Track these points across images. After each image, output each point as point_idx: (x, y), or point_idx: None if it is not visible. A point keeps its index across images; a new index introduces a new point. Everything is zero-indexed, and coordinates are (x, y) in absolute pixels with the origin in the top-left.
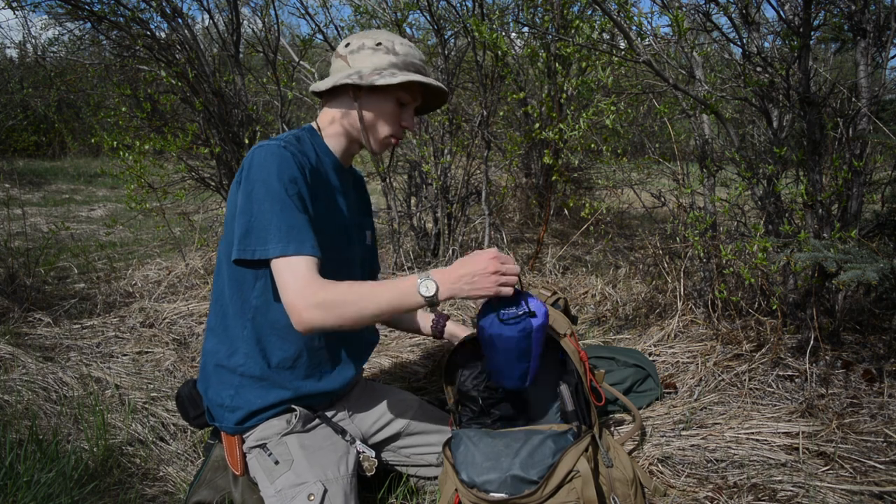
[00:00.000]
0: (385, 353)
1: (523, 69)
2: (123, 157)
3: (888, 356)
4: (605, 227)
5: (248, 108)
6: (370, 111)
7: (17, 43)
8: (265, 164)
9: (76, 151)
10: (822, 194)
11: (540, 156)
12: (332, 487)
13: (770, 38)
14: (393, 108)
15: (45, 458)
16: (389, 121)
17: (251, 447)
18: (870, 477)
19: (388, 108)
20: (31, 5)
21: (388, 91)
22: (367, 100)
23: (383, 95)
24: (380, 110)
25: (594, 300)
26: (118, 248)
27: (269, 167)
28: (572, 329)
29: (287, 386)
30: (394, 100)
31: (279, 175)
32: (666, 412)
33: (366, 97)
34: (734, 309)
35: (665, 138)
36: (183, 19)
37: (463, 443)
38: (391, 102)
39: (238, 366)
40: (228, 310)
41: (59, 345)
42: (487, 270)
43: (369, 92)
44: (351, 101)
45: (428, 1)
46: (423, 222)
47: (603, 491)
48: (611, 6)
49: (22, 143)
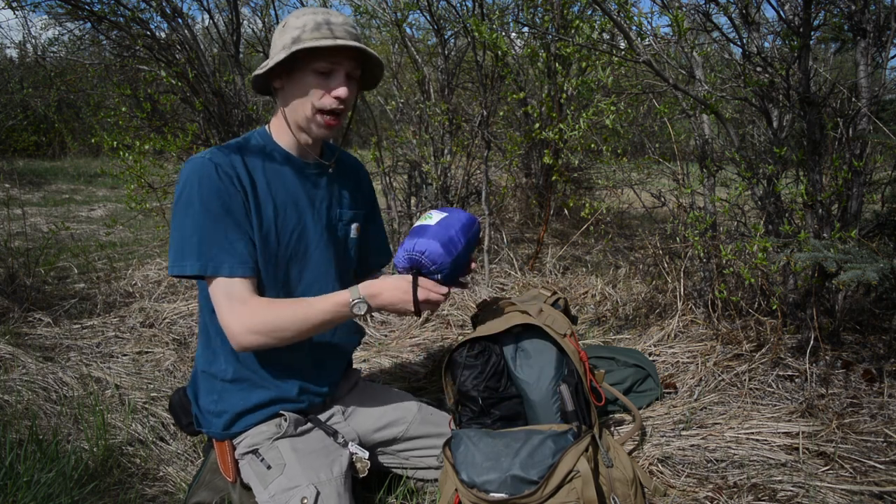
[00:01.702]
0: (385, 353)
1: (523, 69)
2: (123, 157)
3: (888, 356)
4: (605, 227)
5: (248, 108)
6: (291, 95)
7: (17, 43)
8: (188, 181)
9: (76, 151)
10: (822, 194)
11: (540, 156)
12: (325, 490)
13: (770, 38)
14: (311, 82)
15: (45, 458)
16: (313, 95)
17: (243, 453)
18: (870, 477)
19: (307, 84)
20: (31, 5)
21: (296, 68)
22: (287, 85)
23: (299, 75)
24: (299, 90)
25: (594, 300)
26: (118, 248)
27: (191, 183)
28: (572, 329)
29: (268, 386)
30: (311, 74)
31: (200, 191)
32: (666, 412)
33: (285, 84)
34: (734, 309)
35: (665, 138)
36: (183, 19)
37: (463, 443)
38: (309, 77)
39: (219, 371)
40: (206, 317)
41: (59, 345)
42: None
43: (286, 78)
44: (278, 92)
45: (428, 1)
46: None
47: (603, 491)
48: (611, 6)
49: (22, 143)
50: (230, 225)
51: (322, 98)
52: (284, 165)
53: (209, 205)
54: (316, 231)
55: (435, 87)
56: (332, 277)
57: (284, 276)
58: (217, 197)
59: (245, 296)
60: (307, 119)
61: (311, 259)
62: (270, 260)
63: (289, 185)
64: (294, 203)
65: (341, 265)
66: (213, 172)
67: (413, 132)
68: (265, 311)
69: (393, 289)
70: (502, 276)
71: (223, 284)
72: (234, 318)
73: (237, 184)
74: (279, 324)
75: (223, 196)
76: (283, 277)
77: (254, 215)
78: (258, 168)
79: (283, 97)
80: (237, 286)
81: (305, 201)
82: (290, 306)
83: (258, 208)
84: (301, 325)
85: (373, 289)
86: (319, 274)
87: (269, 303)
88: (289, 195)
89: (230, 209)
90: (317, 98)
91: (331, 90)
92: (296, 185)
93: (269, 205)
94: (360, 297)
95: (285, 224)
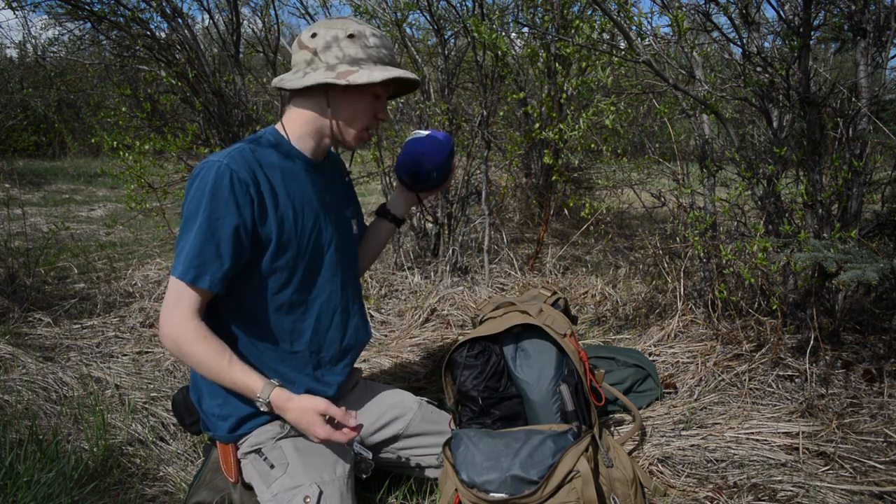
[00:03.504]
0: (385, 353)
1: (523, 69)
2: (123, 157)
3: (888, 356)
4: (605, 227)
5: (248, 108)
6: (346, 109)
7: (17, 43)
8: (201, 186)
9: (76, 151)
10: (822, 194)
11: (540, 156)
12: (328, 489)
13: (770, 38)
14: (369, 103)
15: (45, 458)
16: (365, 116)
17: (246, 453)
18: (870, 477)
19: (364, 105)
20: (31, 5)
21: (363, 87)
22: (343, 97)
23: (359, 92)
24: (356, 107)
25: (594, 300)
26: (118, 248)
27: (202, 188)
28: (572, 329)
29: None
30: (370, 95)
31: (212, 198)
32: (666, 412)
33: (341, 95)
34: (734, 309)
35: (665, 138)
36: (183, 19)
37: (463, 443)
38: (367, 98)
39: None
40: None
41: (59, 345)
42: (317, 436)
43: (343, 90)
44: (322, 100)
45: (428, 1)
46: (423, 222)
47: (603, 491)
48: (611, 6)
49: (22, 143)
50: (225, 239)
51: (370, 120)
52: (300, 168)
53: (212, 216)
54: (328, 232)
55: (435, 87)
56: (340, 278)
57: (303, 277)
58: (222, 209)
59: (192, 313)
60: (352, 135)
61: (326, 260)
62: (290, 262)
63: (304, 187)
64: (310, 205)
65: (349, 264)
66: (226, 182)
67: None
68: (194, 341)
69: (302, 412)
70: (502, 276)
71: (184, 292)
72: (171, 320)
73: (252, 191)
74: (195, 359)
75: (229, 208)
76: (302, 278)
77: (272, 220)
78: (276, 172)
79: (330, 105)
80: (194, 298)
81: (318, 203)
82: (212, 354)
83: (278, 213)
84: (209, 375)
85: (286, 403)
86: (332, 275)
87: (200, 338)
88: (305, 198)
89: (232, 224)
90: (367, 119)
91: (377, 112)
92: (309, 188)
93: (289, 209)
94: (266, 401)
95: (304, 226)
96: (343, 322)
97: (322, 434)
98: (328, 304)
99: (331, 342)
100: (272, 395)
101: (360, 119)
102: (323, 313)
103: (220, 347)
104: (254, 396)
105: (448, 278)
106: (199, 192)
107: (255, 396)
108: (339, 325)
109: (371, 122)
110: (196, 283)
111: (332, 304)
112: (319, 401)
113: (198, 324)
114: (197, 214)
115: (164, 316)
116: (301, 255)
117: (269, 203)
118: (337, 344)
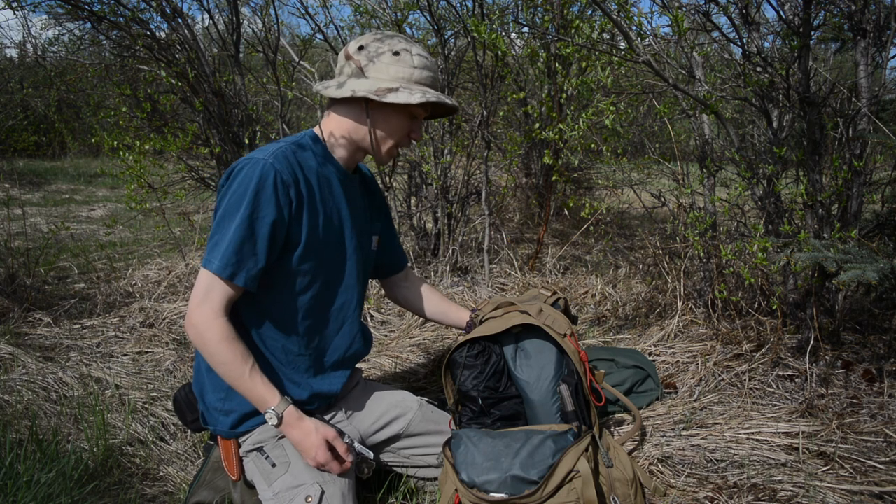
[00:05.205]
0: (385, 353)
1: (523, 69)
2: (123, 157)
3: (888, 356)
4: (605, 227)
5: (248, 108)
6: (383, 124)
7: (17, 43)
8: (244, 182)
9: (76, 151)
10: (822, 194)
11: (540, 156)
12: (330, 489)
13: (770, 38)
14: (405, 121)
15: (45, 458)
16: (399, 134)
17: (248, 451)
18: (870, 477)
19: (400, 122)
20: (31, 5)
21: (403, 106)
22: (381, 113)
23: (396, 110)
24: (392, 124)
25: (594, 300)
26: (118, 248)
27: (247, 185)
28: (572, 329)
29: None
30: (407, 114)
31: (255, 196)
32: (666, 412)
33: (379, 110)
34: (734, 309)
35: (665, 138)
36: (183, 19)
37: (463, 443)
38: (405, 117)
39: None
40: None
41: (59, 345)
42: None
43: (384, 105)
44: (361, 112)
45: (428, 1)
46: (423, 222)
47: (603, 491)
48: (610, 6)
49: (22, 143)
50: (262, 238)
51: (403, 138)
52: (334, 176)
53: (254, 214)
54: (351, 243)
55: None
56: (355, 289)
57: (324, 283)
58: (264, 208)
59: (223, 309)
60: (385, 150)
61: (346, 269)
62: (314, 267)
63: (336, 196)
64: (338, 214)
65: (363, 277)
66: (270, 181)
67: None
68: (219, 340)
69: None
70: (502, 276)
71: (218, 286)
72: (204, 314)
73: (293, 193)
74: (216, 359)
75: (270, 208)
76: (323, 283)
77: (305, 224)
78: (314, 176)
79: (370, 119)
80: (226, 293)
81: (346, 213)
82: (235, 357)
83: (312, 217)
84: (226, 376)
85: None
86: (350, 284)
87: (226, 338)
88: (335, 206)
89: (271, 222)
90: (400, 137)
91: (412, 132)
92: (341, 197)
93: (321, 215)
94: (280, 414)
95: (331, 234)
96: (351, 331)
97: (322, 459)
98: (340, 312)
99: (335, 348)
100: (286, 411)
101: (393, 136)
102: (334, 320)
103: (245, 353)
104: (265, 408)
105: (448, 278)
106: (243, 188)
107: (268, 408)
108: (348, 333)
109: (404, 140)
110: (233, 279)
111: (343, 313)
112: (330, 429)
113: (225, 322)
114: (238, 210)
115: (193, 307)
116: (325, 261)
117: (305, 206)
118: (342, 351)
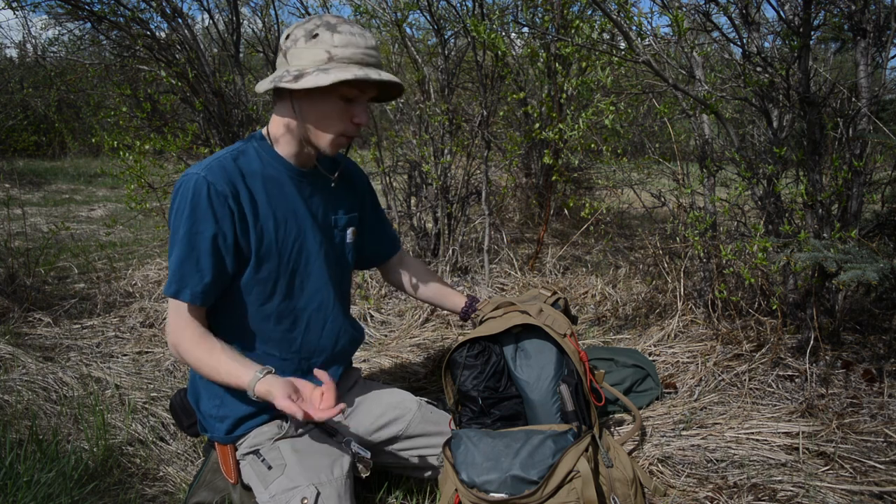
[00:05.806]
0: (385, 353)
1: (523, 69)
2: (123, 157)
3: (888, 356)
4: (605, 227)
5: (248, 108)
6: (312, 113)
7: (17, 43)
8: (182, 200)
9: (76, 151)
10: (822, 194)
11: (540, 156)
12: (326, 490)
13: (770, 38)
14: (337, 106)
15: (45, 458)
16: (336, 120)
17: (245, 454)
18: (870, 477)
19: (331, 108)
20: (31, 5)
21: (328, 90)
22: (307, 101)
23: (323, 95)
24: (322, 111)
25: (594, 300)
26: (118, 248)
27: (183, 202)
28: (572, 329)
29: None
30: (337, 97)
31: (192, 212)
32: (666, 412)
33: (305, 98)
34: (734, 309)
35: (665, 138)
36: (183, 19)
37: (463, 443)
38: (334, 100)
39: None
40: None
41: (59, 345)
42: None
43: (306, 93)
44: (289, 104)
45: (428, 1)
46: (423, 222)
47: (603, 491)
48: (610, 6)
49: (22, 143)
50: (204, 252)
51: (345, 124)
52: (284, 176)
53: (191, 230)
54: (315, 241)
55: (435, 87)
56: (330, 286)
57: (286, 289)
58: (202, 223)
59: (188, 321)
60: (325, 141)
61: (312, 270)
62: (272, 273)
63: (288, 196)
64: (294, 214)
65: (339, 272)
66: (204, 195)
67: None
68: (191, 347)
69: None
70: (502, 276)
71: (173, 303)
72: (173, 332)
73: (232, 203)
74: (195, 363)
75: (207, 222)
76: (286, 290)
77: (252, 232)
78: (258, 181)
79: (297, 110)
80: (185, 310)
81: (304, 211)
82: (208, 354)
83: (258, 223)
84: (210, 374)
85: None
86: (321, 284)
87: (198, 342)
88: (288, 207)
89: (211, 236)
90: (340, 123)
91: (353, 117)
92: (294, 196)
93: (270, 219)
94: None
95: (286, 237)
96: (335, 328)
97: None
98: (318, 313)
99: (321, 350)
100: (256, 387)
101: (331, 124)
102: (313, 321)
103: (211, 346)
104: (246, 387)
105: (448, 278)
106: (181, 206)
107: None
108: (331, 333)
109: (346, 126)
110: (178, 296)
111: (322, 313)
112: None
113: (193, 331)
114: (179, 228)
115: (167, 325)
116: (283, 265)
117: (248, 214)
118: (328, 351)
